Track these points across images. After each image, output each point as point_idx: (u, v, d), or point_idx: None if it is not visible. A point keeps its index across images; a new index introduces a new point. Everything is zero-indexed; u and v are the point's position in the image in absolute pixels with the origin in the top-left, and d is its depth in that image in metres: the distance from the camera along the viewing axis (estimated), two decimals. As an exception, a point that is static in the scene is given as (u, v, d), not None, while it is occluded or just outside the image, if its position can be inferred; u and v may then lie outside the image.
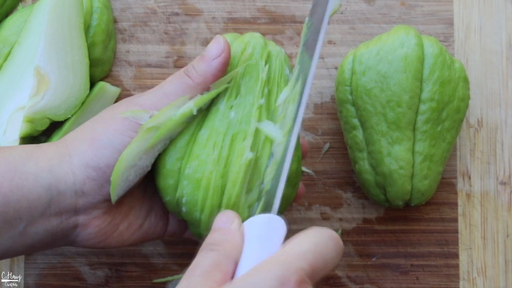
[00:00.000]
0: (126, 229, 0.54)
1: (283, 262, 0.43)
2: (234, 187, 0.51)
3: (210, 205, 0.51)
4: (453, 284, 0.66)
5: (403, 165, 0.60)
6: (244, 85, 0.53)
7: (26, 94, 0.61)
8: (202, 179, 0.51)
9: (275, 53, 0.55)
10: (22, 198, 0.50)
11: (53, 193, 0.51)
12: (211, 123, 0.52)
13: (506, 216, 0.66)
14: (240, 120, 0.52)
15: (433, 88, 0.60)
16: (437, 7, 0.68)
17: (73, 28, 0.62)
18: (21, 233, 0.51)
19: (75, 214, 0.52)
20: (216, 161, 0.51)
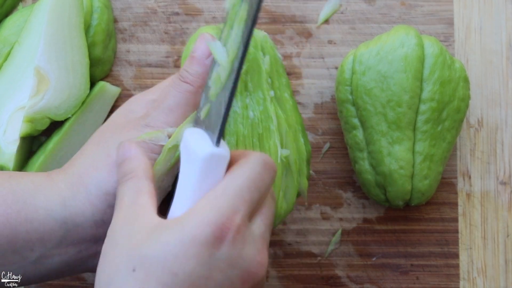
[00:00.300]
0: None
1: (216, 205, 0.41)
2: (275, 186, 0.51)
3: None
4: (453, 284, 0.66)
5: (403, 165, 0.60)
6: (251, 81, 0.53)
7: (26, 94, 0.61)
8: None
9: (264, 40, 0.54)
10: (32, 230, 0.48)
11: (69, 227, 0.48)
12: (233, 128, 0.52)
13: (506, 216, 0.66)
14: (260, 118, 0.52)
15: (433, 88, 0.60)
16: (437, 7, 0.68)
17: (73, 28, 0.62)
18: (34, 263, 0.49)
19: (95, 243, 0.49)
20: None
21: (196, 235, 0.41)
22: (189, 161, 0.45)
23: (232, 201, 0.42)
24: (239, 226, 0.41)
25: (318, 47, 0.67)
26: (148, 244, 0.41)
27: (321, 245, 0.66)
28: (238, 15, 0.46)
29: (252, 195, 0.43)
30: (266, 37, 0.55)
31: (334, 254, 0.66)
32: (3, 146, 0.61)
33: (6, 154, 0.61)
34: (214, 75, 0.48)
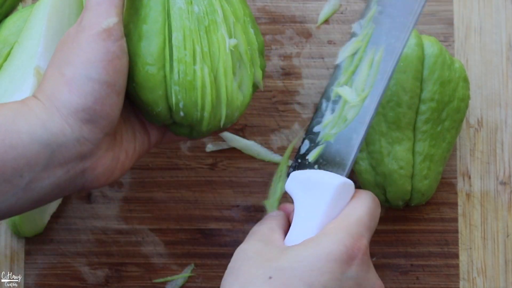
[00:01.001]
0: (125, 157, 0.54)
1: (347, 228, 0.47)
2: (228, 76, 0.52)
3: (210, 102, 0.52)
4: (453, 284, 0.66)
5: (403, 165, 0.60)
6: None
7: (26, 94, 0.61)
8: (194, 80, 0.52)
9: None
10: (19, 156, 0.49)
11: (53, 147, 0.50)
12: (180, 24, 0.52)
13: (506, 216, 0.66)
14: (205, 11, 0.52)
15: (433, 88, 0.60)
16: (437, 7, 0.67)
17: (73, 28, 0.62)
18: (24, 189, 0.50)
19: (81, 160, 0.51)
20: (201, 58, 0.51)
21: (331, 252, 0.46)
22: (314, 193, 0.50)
23: (360, 226, 0.48)
24: (366, 249, 0.47)
25: (318, 47, 0.67)
26: (285, 257, 0.47)
27: (321, 245, 0.66)
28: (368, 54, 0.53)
29: (371, 223, 0.49)
30: None
31: (334, 254, 0.66)
32: (3, 146, 0.61)
33: (6, 154, 0.61)
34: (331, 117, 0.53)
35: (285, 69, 0.67)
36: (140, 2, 0.53)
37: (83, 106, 0.50)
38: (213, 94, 0.52)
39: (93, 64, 0.50)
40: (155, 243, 0.66)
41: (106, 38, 0.50)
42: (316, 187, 0.49)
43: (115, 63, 0.50)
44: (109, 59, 0.50)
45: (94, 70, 0.50)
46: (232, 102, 0.53)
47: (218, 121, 0.54)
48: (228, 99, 0.53)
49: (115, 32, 0.51)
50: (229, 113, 0.54)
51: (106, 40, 0.50)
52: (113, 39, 0.51)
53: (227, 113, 0.53)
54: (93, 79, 0.50)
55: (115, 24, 0.51)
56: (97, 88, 0.50)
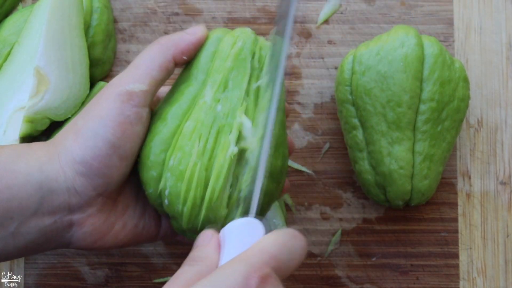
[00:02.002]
0: (121, 228, 0.54)
1: (246, 258, 0.44)
2: (218, 181, 0.50)
3: (192, 198, 0.51)
4: (453, 284, 0.66)
5: (403, 165, 0.60)
6: (232, 80, 0.53)
7: (26, 94, 0.61)
8: (185, 170, 0.51)
9: (266, 48, 0.54)
10: (12, 197, 0.49)
11: (44, 192, 0.50)
12: (197, 115, 0.52)
13: (506, 216, 0.66)
14: (227, 113, 0.52)
15: (433, 88, 0.60)
16: (437, 7, 0.68)
17: (73, 28, 0.62)
18: (13, 234, 0.50)
19: (69, 213, 0.51)
20: (200, 153, 0.51)
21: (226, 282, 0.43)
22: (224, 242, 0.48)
23: (262, 255, 0.44)
24: (266, 276, 0.43)
25: (318, 47, 0.67)
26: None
27: (321, 245, 0.66)
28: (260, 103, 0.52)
29: (280, 253, 0.45)
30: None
31: (334, 254, 0.66)
32: (3, 146, 0.61)
33: (6, 154, 0.61)
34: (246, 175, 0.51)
35: (285, 69, 0.67)
36: (178, 87, 0.54)
37: (81, 158, 0.50)
38: (198, 192, 0.51)
39: (103, 121, 0.50)
40: (155, 243, 0.66)
41: (125, 100, 0.50)
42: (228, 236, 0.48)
43: (126, 127, 0.50)
44: (120, 121, 0.50)
45: (102, 127, 0.50)
46: (215, 208, 0.51)
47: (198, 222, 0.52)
48: (210, 203, 0.51)
49: (137, 98, 0.51)
50: (211, 218, 0.51)
51: (124, 102, 0.50)
52: (132, 104, 0.51)
53: (208, 217, 0.51)
54: (99, 135, 0.50)
55: (140, 90, 0.51)
56: (99, 145, 0.50)
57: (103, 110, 0.50)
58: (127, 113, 0.50)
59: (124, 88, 0.51)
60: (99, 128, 0.50)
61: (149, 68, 0.52)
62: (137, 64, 0.52)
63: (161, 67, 0.52)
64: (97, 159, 0.50)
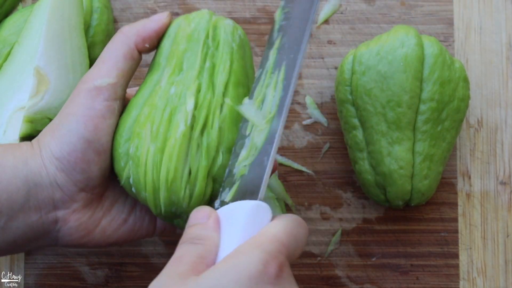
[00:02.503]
0: (109, 224, 0.54)
1: (262, 245, 0.44)
2: (171, 161, 0.50)
3: (150, 182, 0.50)
4: (453, 284, 0.66)
5: (403, 165, 0.60)
6: (186, 61, 0.52)
7: (26, 94, 0.61)
8: (141, 156, 0.50)
9: (223, 26, 0.53)
10: (2, 191, 0.50)
11: (30, 185, 0.51)
12: (151, 101, 0.52)
13: (506, 216, 0.66)
14: (179, 94, 0.51)
15: (433, 88, 0.60)
16: (437, 7, 0.68)
17: (73, 28, 0.62)
18: (2, 228, 0.51)
19: (54, 208, 0.52)
20: (154, 136, 0.50)
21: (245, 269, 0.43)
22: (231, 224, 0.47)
23: (275, 243, 0.45)
24: (282, 264, 0.44)
25: (318, 47, 0.67)
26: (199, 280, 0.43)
27: (321, 245, 0.66)
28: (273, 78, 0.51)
29: (289, 241, 0.45)
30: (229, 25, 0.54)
31: (334, 254, 0.66)
32: (3, 146, 0.61)
33: (6, 154, 0.61)
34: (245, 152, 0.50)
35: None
36: (146, 77, 0.54)
37: (58, 154, 0.51)
38: (154, 175, 0.50)
39: (75, 117, 0.51)
40: (155, 243, 0.66)
41: (95, 95, 0.51)
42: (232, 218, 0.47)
43: (97, 121, 0.51)
44: (91, 116, 0.51)
45: (75, 123, 0.51)
46: (175, 190, 0.50)
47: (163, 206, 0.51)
48: (167, 184, 0.50)
49: (107, 92, 0.51)
50: (174, 199, 0.50)
51: (94, 97, 0.51)
52: (102, 98, 0.51)
53: (169, 199, 0.50)
54: (72, 131, 0.51)
55: (108, 84, 0.51)
56: (73, 141, 0.51)
57: (75, 106, 0.51)
58: (98, 107, 0.51)
59: (93, 83, 0.51)
60: (72, 124, 0.51)
61: (114, 60, 0.52)
62: (103, 57, 0.53)
63: (126, 57, 0.52)
64: (73, 154, 0.51)
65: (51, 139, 0.52)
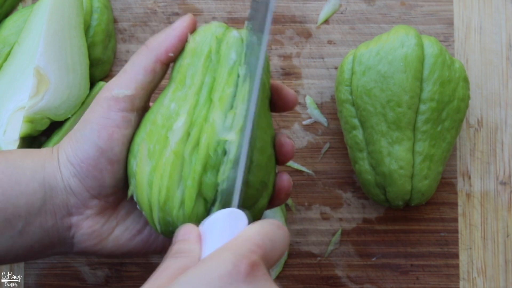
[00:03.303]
0: (122, 233, 0.54)
1: (233, 247, 0.44)
2: (163, 181, 0.49)
3: (146, 202, 0.50)
4: (453, 284, 0.66)
5: (403, 165, 0.60)
6: (189, 76, 0.51)
7: (26, 94, 0.61)
8: (138, 174, 0.50)
9: (227, 39, 0.51)
10: (20, 194, 0.51)
11: (46, 189, 0.51)
12: (154, 117, 0.51)
13: (506, 216, 0.66)
14: (177, 111, 0.50)
15: (433, 88, 0.60)
16: (437, 7, 0.68)
17: (73, 28, 0.62)
18: (20, 232, 0.51)
19: (68, 214, 0.52)
20: (150, 155, 0.50)
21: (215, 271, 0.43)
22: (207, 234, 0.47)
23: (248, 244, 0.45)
24: (254, 263, 0.44)
25: (318, 47, 0.67)
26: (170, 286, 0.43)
27: (321, 245, 0.66)
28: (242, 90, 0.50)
29: (264, 241, 0.45)
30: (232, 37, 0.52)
31: (334, 254, 0.66)
32: (3, 147, 0.61)
33: (6, 154, 0.61)
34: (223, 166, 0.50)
35: (285, 69, 0.67)
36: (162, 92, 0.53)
37: (72, 160, 0.52)
38: (149, 194, 0.50)
39: (90, 124, 0.51)
40: (155, 243, 0.66)
41: (112, 105, 0.51)
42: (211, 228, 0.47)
43: (112, 130, 0.51)
44: (106, 125, 0.51)
45: (89, 130, 0.51)
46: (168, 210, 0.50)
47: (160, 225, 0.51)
48: (159, 205, 0.49)
49: (123, 103, 0.51)
50: (168, 220, 0.50)
51: (110, 107, 0.51)
52: (118, 109, 0.51)
53: (164, 219, 0.50)
54: (86, 138, 0.51)
55: (125, 96, 0.51)
56: (87, 148, 0.51)
57: (92, 114, 0.52)
58: (113, 117, 0.51)
59: (110, 93, 0.51)
60: (86, 131, 0.51)
61: (134, 72, 0.52)
62: (125, 68, 0.53)
63: (146, 70, 0.52)
64: (86, 161, 0.51)
65: (67, 144, 0.52)
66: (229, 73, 0.51)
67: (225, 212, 0.48)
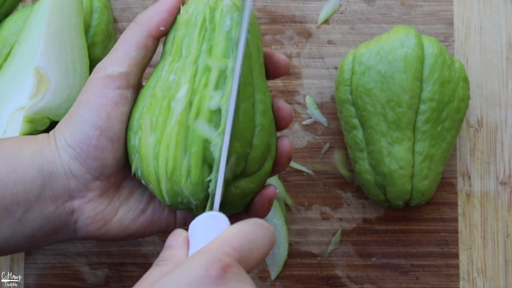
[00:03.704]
0: (126, 214, 0.54)
1: (207, 251, 0.44)
2: (169, 151, 0.49)
3: (153, 174, 0.50)
4: (453, 284, 0.66)
5: (403, 165, 0.60)
6: (185, 47, 0.51)
7: (26, 94, 0.61)
8: (143, 148, 0.50)
9: (220, 7, 0.51)
10: (18, 181, 0.51)
11: (45, 175, 0.51)
12: (153, 91, 0.51)
13: (506, 216, 0.66)
14: (177, 81, 0.50)
15: (433, 88, 0.60)
16: (437, 7, 0.68)
17: (73, 28, 0.62)
18: (20, 220, 0.51)
19: (69, 198, 0.52)
20: (153, 128, 0.50)
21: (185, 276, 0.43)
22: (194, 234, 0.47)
23: (222, 246, 0.45)
24: (226, 266, 0.43)
25: (318, 47, 0.67)
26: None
27: (321, 245, 0.66)
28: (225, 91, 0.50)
29: (241, 243, 0.45)
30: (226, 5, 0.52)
31: (334, 254, 0.66)
32: (3, 146, 0.61)
33: (6, 154, 0.61)
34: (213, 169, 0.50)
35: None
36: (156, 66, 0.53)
37: (71, 142, 0.51)
38: (156, 167, 0.50)
39: (88, 105, 0.51)
40: (155, 243, 0.66)
41: (108, 84, 0.51)
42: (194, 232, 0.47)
43: (110, 109, 0.51)
44: (103, 104, 0.51)
45: (87, 111, 0.51)
46: (176, 180, 0.49)
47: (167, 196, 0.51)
48: (167, 175, 0.49)
49: (119, 80, 0.51)
50: (177, 190, 0.50)
51: (106, 85, 0.51)
52: (114, 86, 0.51)
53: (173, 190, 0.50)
54: (85, 119, 0.51)
55: (120, 73, 0.51)
56: (86, 129, 0.51)
57: (87, 94, 0.51)
58: (110, 95, 0.51)
59: (104, 72, 0.51)
60: (84, 112, 0.51)
61: (126, 49, 0.52)
62: (116, 46, 0.52)
63: (138, 46, 0.52)
64: (86, 142, 0.51)
65: (65, 128, 0.52)
66: (226, 39, 0.51)
67: (206, 215, 0.47)
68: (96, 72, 0.52)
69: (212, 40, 0.51)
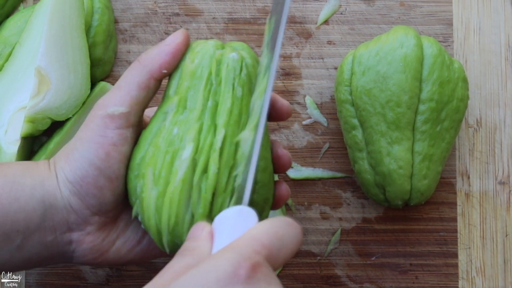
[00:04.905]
0: (123, 245, 0.54)
1: (236, 247, 0.43)
2: (172, 207, 0.49)
3: (154, 226, 0.50)
4: (452, 283, 0.66)
5: (403, 165, 0.61)
6: (190, 99, 0.51)
7: (27, 94, 0.61)
8: (145, 198, 0.50)
9: (226, 61, 0.51)
10: (19, 210, 0.51)
11: (46, 206, 0.51)
12: (156, 140, 0.50)
13: (505, 216, 0.66)
14: (181, 136, 0.50)
15: (432, 88, 0.60)
16: (436, 8, 0.68)
17: (74, 29, 0.62)
18: (19, 246, 0.51)
19: (68, 230, 0.52)
20: (156, 180, 0.50)
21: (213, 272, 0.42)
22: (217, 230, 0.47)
23: (252, 244, 0.44)
24: (256, 265, 0.43)
25: (317, 47, 0.68)
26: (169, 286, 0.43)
27: (321, 245, 0.66)
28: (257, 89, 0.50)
29: (271, 240, 0.44)
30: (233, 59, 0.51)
31: (333, 254, 0.66)
32: (5, 146, 0.61)
33: (7, 154, 0.61)
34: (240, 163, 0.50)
35: (285, 69, 0.68)
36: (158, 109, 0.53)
37: (71, 178, 0.51)
38: (157, 220, 0.50)
39: (87, 143, 0.51)
40: (156, 243, 0.66)
41: (108, 123, 0.51)
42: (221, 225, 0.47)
43: (109, 149, 0.51)
44: (103, 143, 0.51)
45: (87, 149, 0.51)
46: (178, 234, 0.50)
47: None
48: (169, 229, 0.50)
49: (119, 120, 0.51)
50: (178, 243, 0.50)
51: (106, 125, 0.51)
52: (114, 126, 0.51)
53: (172, 242, 0.50)
54: (84, 157, 0.51)
55: (120, 113, 0.51)
56: (85, 167, 0.51)
57: (88, 132, 0.51)
58: (110, 135, 0.51)
59: (105, 111, 0.51)
60: (83, 150, 0.51)
61: (128, 89, 0.52)
62: (118, 85, 0.52)
63: (140, 86, 0.52)
64: (85, 180, 0.51)
65: (65, 163, 0.52)
66: (232, 98, 0.51)
67: (234, 210, 0.47)
68: (97, 109, 0.52)
69: (217, 95, 0.51)
